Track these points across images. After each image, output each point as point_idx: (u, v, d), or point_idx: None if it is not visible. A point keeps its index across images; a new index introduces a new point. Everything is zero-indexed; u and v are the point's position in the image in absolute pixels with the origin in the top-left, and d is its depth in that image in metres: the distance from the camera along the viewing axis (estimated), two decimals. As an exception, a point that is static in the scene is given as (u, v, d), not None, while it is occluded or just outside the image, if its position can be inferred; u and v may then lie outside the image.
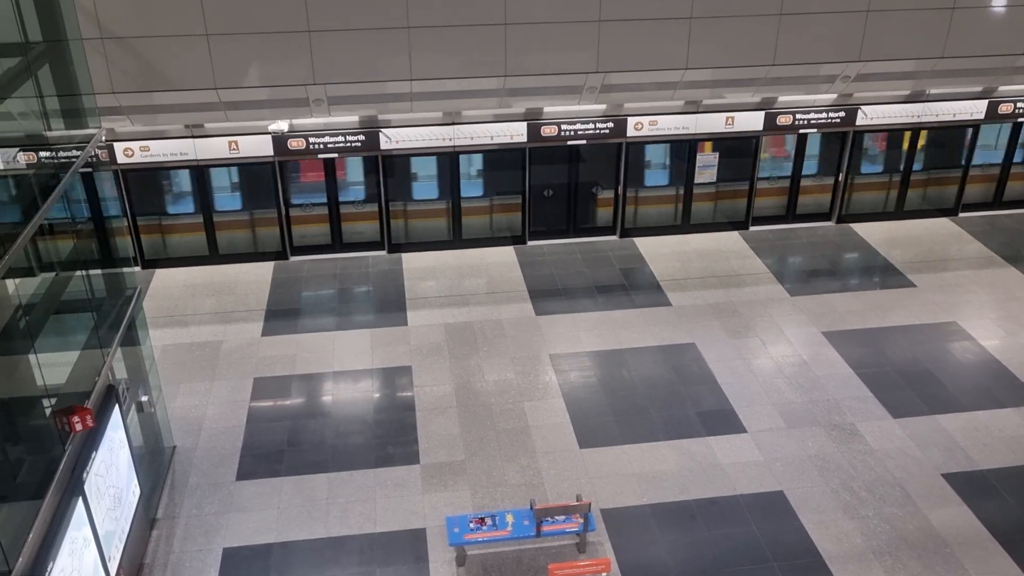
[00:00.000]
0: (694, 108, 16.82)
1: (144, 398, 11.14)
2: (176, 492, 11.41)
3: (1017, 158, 18.95)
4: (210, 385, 13.48)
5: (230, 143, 15.83)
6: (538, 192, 17.47)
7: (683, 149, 17.48)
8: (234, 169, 16.39)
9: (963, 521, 10.90)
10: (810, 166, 18.24)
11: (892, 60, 14.84)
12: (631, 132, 16.85)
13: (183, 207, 16.71)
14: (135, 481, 10.25)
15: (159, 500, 11.25)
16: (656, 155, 17.69)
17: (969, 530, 10.76)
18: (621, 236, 18.02)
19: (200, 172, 16.16)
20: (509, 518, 10.41)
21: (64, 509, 8.08)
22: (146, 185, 16.39)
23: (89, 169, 10.69)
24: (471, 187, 17.34)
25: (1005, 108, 17.89)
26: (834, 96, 17.03)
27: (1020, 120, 18.21)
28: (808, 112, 17.25)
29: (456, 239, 17.60)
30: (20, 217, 8.22)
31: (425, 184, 17.25)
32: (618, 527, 10.83)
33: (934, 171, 18.82)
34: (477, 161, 17.14)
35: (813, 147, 18.06)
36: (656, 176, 17.91)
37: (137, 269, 16.68)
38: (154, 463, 11.58)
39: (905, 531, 10.75)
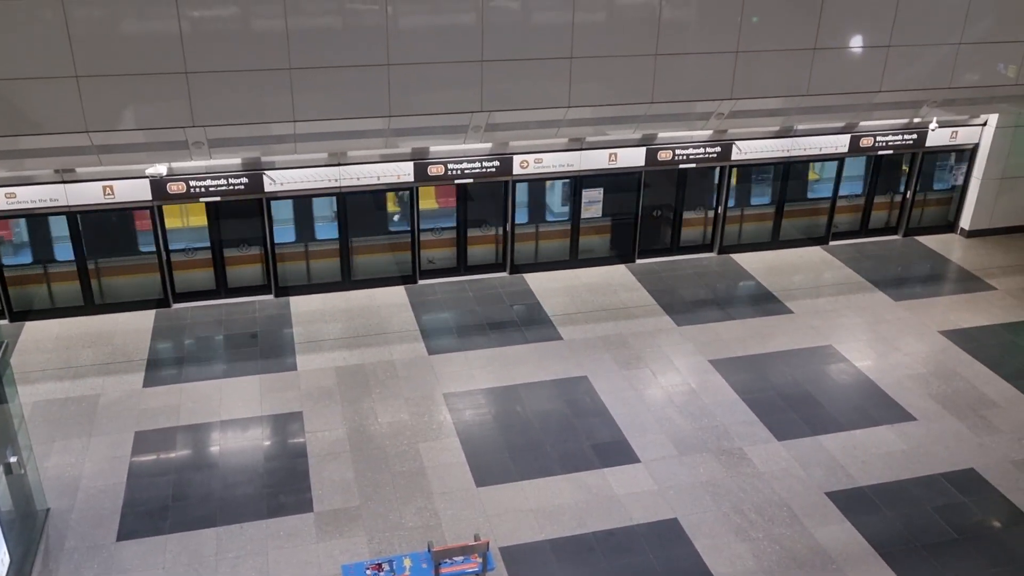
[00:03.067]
0: (578, 145, 17.22)
1: (12, 459, 10.46)
2: (51, 557, 10.74)
3: (880, 189, 20.12)
4: (87, 441, 12.81)
5: (104, 188, 15.24)
6: (429, 230, 17.51)
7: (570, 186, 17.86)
8: (109, 215, 15.76)
9: (847, 537, 11.33)
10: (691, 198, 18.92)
11: (761, 98, 15.57)
12: (517, 170, 17.09)
13: (55, 255, 15.93)
14: (4, 549, 9.60)
15: (32, 567, 10.55)
16: (541, 192, 17.99)
17: (853, 546, 11.19)
18: (511, 272, 18.16)
19: (72, 219, 15.47)
20: (407, 562, 10.22)
21: (-78, 584, 7.50)
22: (13, 233, 15.59)
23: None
24: (361, 227, 17.18)
25: (866, 142, 19.02)
26: (710, 132, 17.73)
27: (880, 153, 19.37)
28: (687, 147, 17.90)
29: (345, 280, 17.38)
30: None
31: (313, 225, 17.01)
32: (517, 564, 10.78)
33: (806, 202, 19.78)
34: (367, 201, 17.01)
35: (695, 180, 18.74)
36: (545, 212, 18.20)
37: (4, 322, 15.78)
38: (25, 528, 10.87)
39: (794, 550, 11.09)
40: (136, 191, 15.42)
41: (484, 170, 16.91)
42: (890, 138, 19.19)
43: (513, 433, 13.19)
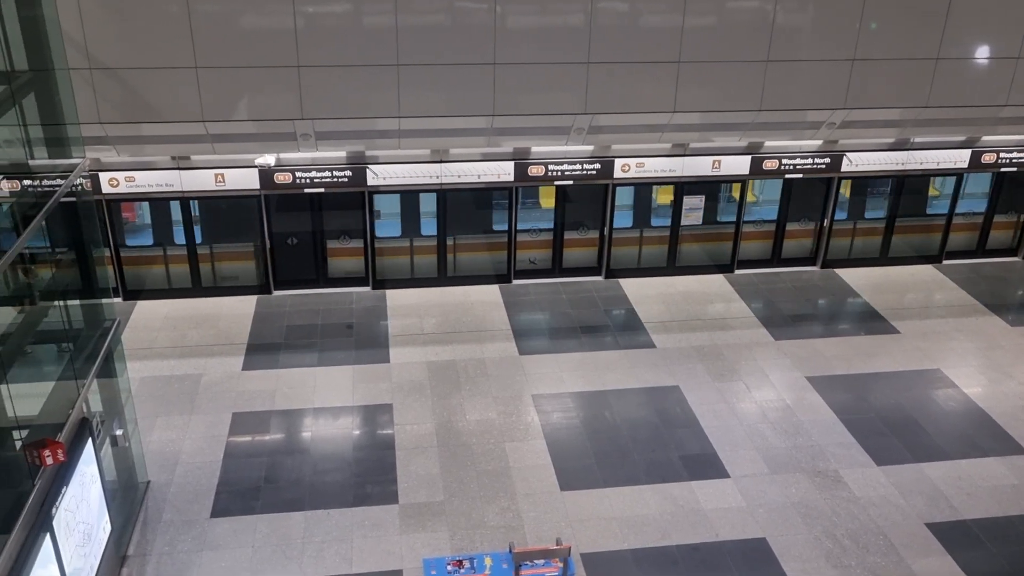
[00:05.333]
0: (681, 151, 16.94)
1: (119, 432, 10.94)
2: (148, 529, 11.18)
3: (1000, 208, 19.14)
4: (188, 419, 13.29)
5: (216, 175, 15.79)
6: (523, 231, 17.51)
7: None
8: (219, 201, 16.32)
9: (946, 572, 10.78)
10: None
11: (877, 108, 14.99)
12: (618, 173, 16.92)
13: (167, 238, 16.60)
14: (106, 517, 10.03)
15: (131, 537, 11.01)
16: (643, 196, 17.76)
17: (952, 581, 10.66)
18: (606, 277, 18.01)
19: (185, 204, 16.09)
20: (487, 561, 10.24)
21: (31, 545, 7.88)
22: (130, 215, 16.32)
23: (73, 198, 10.59)
24: (458, 225, 17.31)
25: (988, 158, 18.10)
26: (820, 142, 17.18)
27: (1003, 170, 18.41)
28: (794, 157, 17.39)
29: (441, 276, 17.54)
30: (-2, 245, 8.12)
31: (412, 221, 17.24)
32: (598, 572, 10.65)
33: (918, 218, 18.96)
34: (465, 199, 17.13)
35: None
36: (643, 218, 17.97)
37: (118, 300, 16.52)
38: (127, 498, 11.35)
39: (888, 581, 10.64)
40: (245, 180, 15.92)
41: (585, 172, 16.81)
42: (1015, 154, 18.21)
43: (600, 439, 13.05)
